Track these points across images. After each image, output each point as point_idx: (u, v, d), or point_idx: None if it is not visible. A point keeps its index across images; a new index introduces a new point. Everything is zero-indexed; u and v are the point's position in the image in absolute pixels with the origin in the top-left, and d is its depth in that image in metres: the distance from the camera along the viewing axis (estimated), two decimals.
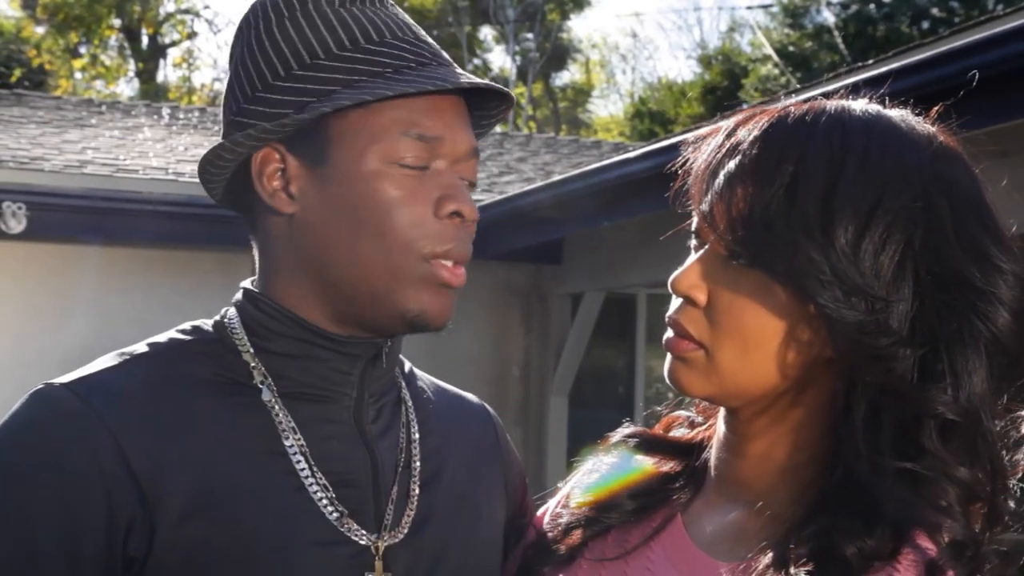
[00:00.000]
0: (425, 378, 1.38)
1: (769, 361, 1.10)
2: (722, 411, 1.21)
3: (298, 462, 1.17)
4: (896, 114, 1.14)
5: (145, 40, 23.43)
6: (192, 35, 24.40)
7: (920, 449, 1.05)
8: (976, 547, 1.05)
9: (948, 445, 1.05)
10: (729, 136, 1.14)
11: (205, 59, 30.95)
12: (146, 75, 23.53)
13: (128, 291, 7.50)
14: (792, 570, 1.01)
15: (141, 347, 1.20)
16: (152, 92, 21.95)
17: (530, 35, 25.26)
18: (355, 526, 1.18)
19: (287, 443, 1.17)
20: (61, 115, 9.70)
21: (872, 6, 19.24)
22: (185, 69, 24.91)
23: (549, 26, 25.50)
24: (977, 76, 3.10)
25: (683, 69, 38.64)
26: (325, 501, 1.17)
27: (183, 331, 1.23)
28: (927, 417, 1.05)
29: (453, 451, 1.30)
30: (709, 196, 1.11)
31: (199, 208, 7.23)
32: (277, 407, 1.18)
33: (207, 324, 1.24)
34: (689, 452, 1.27)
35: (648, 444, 1.30)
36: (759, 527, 1.10)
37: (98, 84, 23.00)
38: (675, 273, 1.14)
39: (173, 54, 24.34)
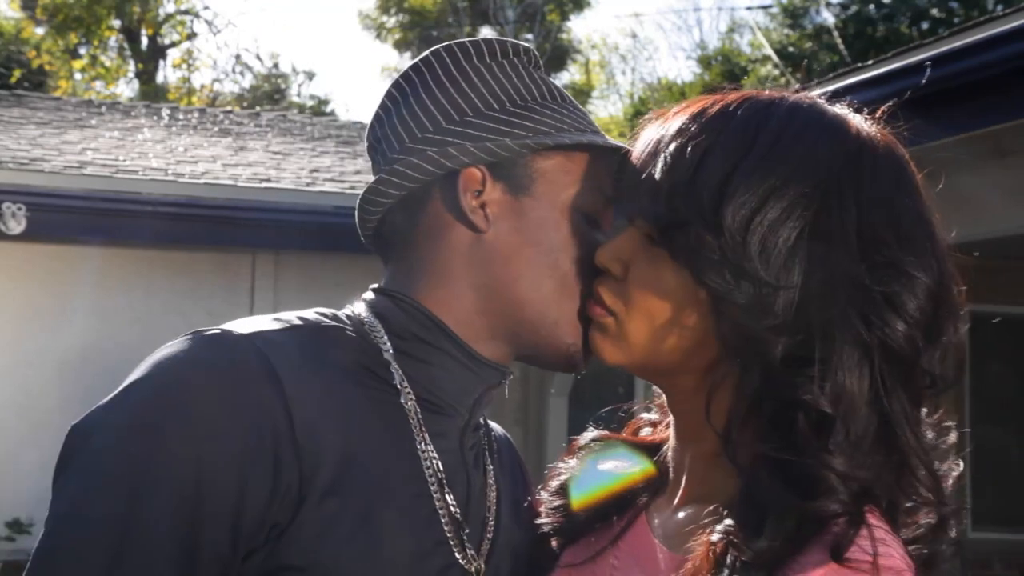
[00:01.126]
0: None
1: (672, 336, 1.13)
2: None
3: (428, 467, 1.19)
4: (834, 109, 1.15)
5: (145, 41, 23.43)
6: (192, 36, 24.38)
7: (795, 438, 1.04)
8: (857, 523, 1.01)
9: (822, 437, 1.04)
10: (664, 122, 1.18)
11: (205, 60, 30.89)
12: (146, 76, 23.52)
13: (128, 291, 7.50)
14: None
15: (294, 319, 1.21)
16: (152, 93, 21.95)
17: (530, 35, 25.26)
18: (467, 544, 1.20)
19: (421, 448, 1.19)
20: (61, 116, 9.70)
21: (872, 6, 19.24)
22: (185, 70, 24.91)
23: (549, 26, 25.51)
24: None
25: (683, 69, 38.68)
26: (445, 517, 1.19)
27: (324, 315, 1.24)
28: (795, 404, 1.05)
29: (506, 485, 1.34)
30: (638, 178, 1.16)
31: (199, 208, 7.25)
32: (414, 411, 1.20)
33: (343, 316, 1.25)
34: (652, 453, 1.29)
35: (613, 447, 1.33)
36: (706, 518, 1.10)
37: (98, 85, 23.00)
38: (599, 250, 1.21)
39: (173, 55, 24.34)
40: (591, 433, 1.36)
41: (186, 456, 1.04)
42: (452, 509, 1.20)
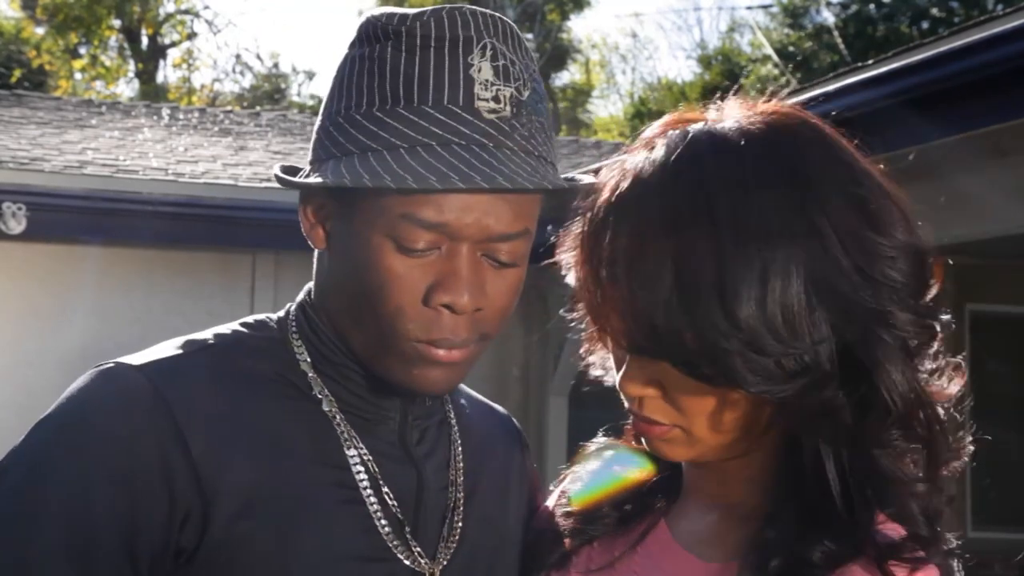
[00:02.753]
0: (464, 391, 1.37)
1: (739, 424, 1.12)
2: None
3: (358, 472, 1.17)
4: (742, 141, 1.09)
5: (145, 41, 23.41)
6: (192, 35, 24.38)
7: (880, 473, 1.08)
8: (938, 539, 1.08)
9: (902, 458, 1.09)
10: (593, 230, 1.12)
11: (205, 60, 30.90)
12: (146, 76, 23.51)
13: (128, 291, 7.50)
14: None
15: (208, 337, 1.20)
16: (152, 93, 21.93)
17: (530, 35, 25.24)
18: (415, 546, 1.18)
19: (349, 453, 1.17)
20: (61, 116, 9.70)
21: (872, 6, 19.23)
22: (185, 70, 24.90)
23: (549, 26, 25.50)
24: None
25: (683, 69, 38.67)
26: (384, 520, 1.17)
27: (248, 325, 1.23)
28: (886, 448, 1.08)
29: (486, 471, 1.30)
30: (599, 299, 1.11)
31: (199, 208, 7.24)
32: (339, 417, 1.18)
33: (272, 320, 1.24)
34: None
35: (625, 452, 1.32)
36: (736, 527, 1.14)
37: (98, 85, 22.99)
38: (618, 377, 1.15)
39: (173, 55, 24.33)
40: (601, 439, 1.35)
41: (76, 491, 1.08)
42: (393, 510, 1.17)
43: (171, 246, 7.56)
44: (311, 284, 1.24)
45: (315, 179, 1.13)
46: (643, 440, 1.19)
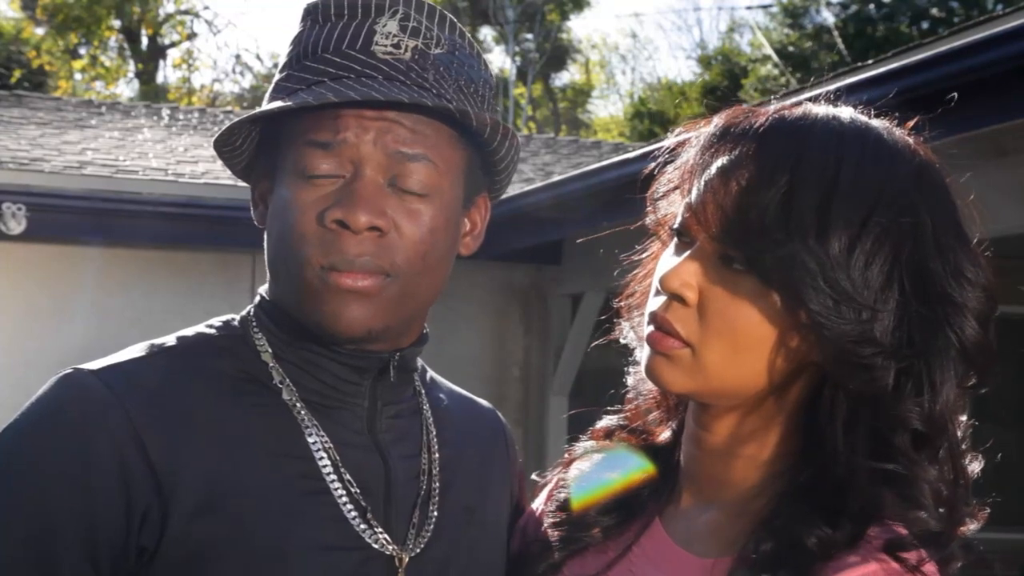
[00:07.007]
0: (443, 384, 1.38)
1: (756, 363, 1.11)
2: (691, 407, 1.22)
3: (321, 459, 1.17)
4: (880, 124, 1.16)
5: (145, 41, 23.42)
6: (192, 36, 24.40)
7: (894, 452, 1.08)
8: (947, 536, 1.08)
9: (919, 450, 1.09)
10: (723, 135, 1.14)
11: (205, 60, 30.95)
12: (146, 76, 23.53)
13: (128, 292, 7.49)
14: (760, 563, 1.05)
15: (170, 340, 1.22)
16: (152, 93, 21.94)
17: (530, 35, 25.26)
18: (380, 532, 1.18)
19: (310, 440, 1.18)
20: (61, 116, 9.69)
21: (872, 6, 19.24)
22: (185, 70, 24.92)
23: (549, 26, 25.50)
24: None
25: (683, 69, 38.68)
26: (350, 505, 1.17)
27: (212, 326, 1.25)
28: (902, 428, 1.08)
29: (465, 462, 1.30)
30: (700, 190, 1.12)
31: (199, 209, 7.24)
32: (299, 405, 1.19)
33: (236, 319, 1.26)
34: (650, 455, 1.28)
35: (611, 454, 1.31)
36: (732, 523, 1.13)
37: (98, 85, 23.00)
38: (665, 270, 1.14)
39: (173, 55, 24.34)
40: (586, 443, 1.34)
41: (35, 496, 1.10)
42: (356, 497, 1.18)
43: (171, 246, 7.56)
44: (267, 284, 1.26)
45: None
46: (645, 360, 1.16)
